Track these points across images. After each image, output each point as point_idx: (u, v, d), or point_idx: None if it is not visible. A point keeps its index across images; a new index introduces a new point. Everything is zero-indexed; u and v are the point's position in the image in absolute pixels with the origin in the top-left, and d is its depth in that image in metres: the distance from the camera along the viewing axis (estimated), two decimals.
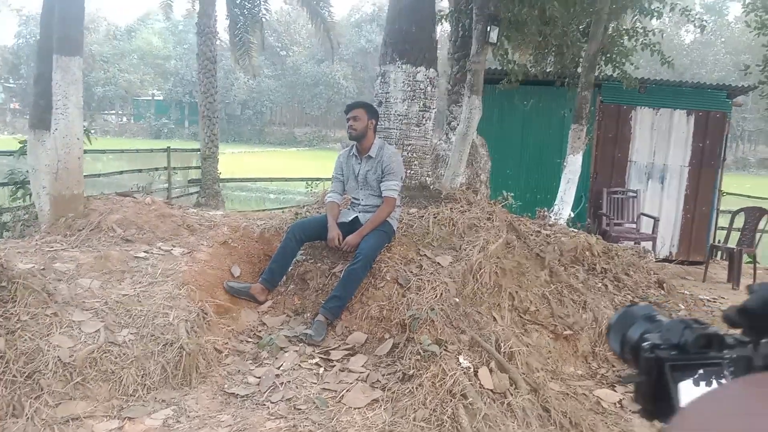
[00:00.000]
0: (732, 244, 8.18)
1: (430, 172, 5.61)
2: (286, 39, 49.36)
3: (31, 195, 6.65)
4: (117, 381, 2.89)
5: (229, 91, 44.45)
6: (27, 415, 2.55)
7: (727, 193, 10.20)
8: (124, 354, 3.01)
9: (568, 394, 3.64)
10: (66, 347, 2.91)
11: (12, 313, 2.95)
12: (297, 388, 3.08)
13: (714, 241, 9.01)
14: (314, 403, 2.93)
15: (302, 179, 10.98)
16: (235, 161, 23.69)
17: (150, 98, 50.22)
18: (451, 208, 4.90)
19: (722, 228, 9.28)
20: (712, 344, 0.60)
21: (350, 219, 4.18)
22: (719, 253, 8.75)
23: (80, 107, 4.41)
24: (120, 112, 51.34)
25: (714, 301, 6.68)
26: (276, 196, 16.74)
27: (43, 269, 3.49)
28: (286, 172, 16.48)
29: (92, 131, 7.96)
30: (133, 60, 49.02)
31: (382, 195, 4.11)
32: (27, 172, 6.43)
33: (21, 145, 6.79)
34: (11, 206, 6.90)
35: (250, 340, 3.66)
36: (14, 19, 48.96)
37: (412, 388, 2.99)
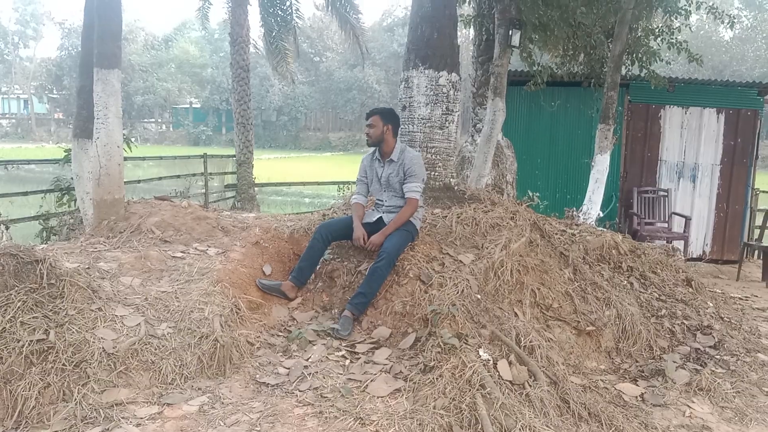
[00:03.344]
0: (766, 242, 8.08)
1: (454, 174, 5.72)
2: (319, 45, 49.90)
3: (75, 201, 7.02)
4: (157, 370, 3.11)
5: (264, 98, 45.12)
6: (75, 399, 2.79)
7: (762, 191, 10.05)
8: (163, 346, 3.22)
9: (589, 387, 3.70)
10: (110, 339, 3.13)
11: (60, 308, 3.19)
12: (324, 378, 3.24)
13: (748, 240, 8.89)
14: (340, 391, 3.09)
15: (333, 183, 11.20)
16: (270, 167, 24.02)
17: (188, 106, 51.32)
18: (474, 208, 5.00)
19: (758, 227, 9.16)
20: None
21: (374, 219, 4.35)
22: (754, 251, 8.62)
23: (119, 117, 4.67)
24: (159, 120, 52.58)
25: (746, 299, 6.58)
26: (311, 200, 16.95)
27: (88, 268, 3.73)
28: (320, 176, 16.71)
29: (132, 138, 8.33)
30: (171, 69, 50.15)
31: (405, 196, 4.26)
32: (72, 179, 6.79)
33: (66, 154, 7.17)
34: (58, 211, 7.28)
35: (280, 334, 3.85)
36: (57, 32, 50.52)
37: (433, 378, 3.11)
